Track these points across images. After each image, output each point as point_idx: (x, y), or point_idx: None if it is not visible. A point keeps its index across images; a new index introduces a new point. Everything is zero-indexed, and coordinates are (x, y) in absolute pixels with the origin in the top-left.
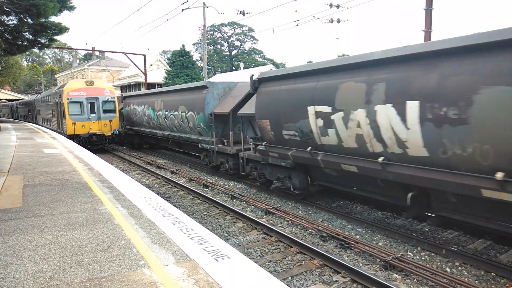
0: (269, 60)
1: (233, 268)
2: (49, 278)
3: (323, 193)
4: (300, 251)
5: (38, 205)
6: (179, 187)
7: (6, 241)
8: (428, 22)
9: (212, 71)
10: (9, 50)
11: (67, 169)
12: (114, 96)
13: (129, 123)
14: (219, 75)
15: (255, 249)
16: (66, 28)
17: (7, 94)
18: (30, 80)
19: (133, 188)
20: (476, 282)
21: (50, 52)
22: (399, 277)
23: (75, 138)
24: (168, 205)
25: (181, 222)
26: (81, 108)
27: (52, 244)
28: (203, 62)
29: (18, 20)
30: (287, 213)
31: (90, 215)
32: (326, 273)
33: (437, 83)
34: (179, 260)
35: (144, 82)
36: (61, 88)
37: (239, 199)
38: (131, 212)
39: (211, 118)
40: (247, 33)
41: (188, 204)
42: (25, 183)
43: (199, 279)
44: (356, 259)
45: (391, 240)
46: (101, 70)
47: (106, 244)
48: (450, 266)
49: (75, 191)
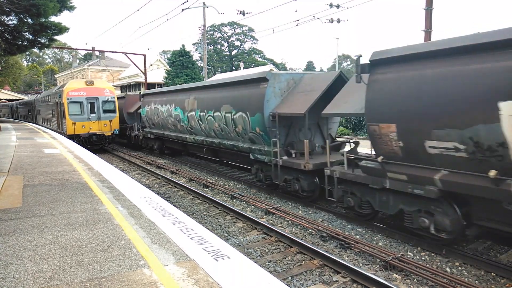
0: (269, 60)
1: (233, 268)
2: (49, 278)
3: (323, 192)
4: (300, 251)
5: (38, 205)
6: (179, 187)
7: (6, 241)
8: (428, 22)
9: (212, 71)
10: (9, 50)
11: (67, 169)
12: (114, 96)
13: (148, 125)
14: (219, 75)
15: (255, 249)
16: (66, 28)
17: (7, 94)
18: (30, 80)
19: (133, 188)
20: (476, 282)
21: (50, 52)
22: (399, 277)
23: (75, 138)
24: (168, 205)
25: (181, 222)
26: (81, 108)
27: (52, 244)
28: (203, 62)
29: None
30: (287, 213)
31: (90, 215)
32: (326, 273)
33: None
34: (179, 260)
35: (144, 82)
36: (61, 88)
37: (239, 199)
38: (131, 212)
39: (274, 121)
40: (247, 33)
41: (188, 204)
42: (25, 183)
43: (199, 279)
44: (356, 259)
45: (391, 240)
46: (101, 70)
47: (106, 244)
48: (450, 266)
49: (75, 191)
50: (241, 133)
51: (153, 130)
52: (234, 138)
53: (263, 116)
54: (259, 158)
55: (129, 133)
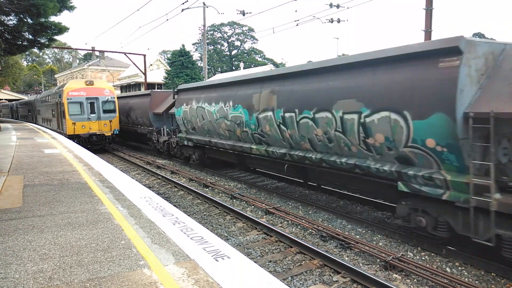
0: (269, 60)
1: (233, 268)
2: (49, 278)
3: (323, 193)
4: (300, 251)
5: (38, 205)
6: (179, 187)
7: (6, 241)
8: (428, 22)
9: (212, 71)
10: (9, 50)
11: (67, 169)
12: (114, 96)
13: (186, 130)
14: (219, 75)
15: (255, 249)
16: (66, 28)
17: (7, 94)
18: (30, 80)
19: (133, 188)
20: (476, 282)
21: (50, 52)
22: (399, 277)
23: (75, 138)
24: (168, 205)
25: (181, 222)
26: (81, 108)
27: (52, 244)
28: (203, 62)
29: (18, 20)
30: (287, 213)
31: (90, 215)
32: (326, 273)
33: None
34: (179, 260)
35: (144, 82)
36: (61, 88)
37: (239, 199)
38: (131, 212)
39: (477, 128)
40: (247, 33)
41: (188, 204)
42: (25, 183)
43: (199, 279)
44: (356, 259)
45: (391, 240)
46: (101, 70)
47: (106, 244)
48: (450, 266)
49: (75, 191)
50: (380, 148)
51: (193, 136)
52: (359, 154)
53: (451, 119)
54: (425, 191)
55: (156, 138)
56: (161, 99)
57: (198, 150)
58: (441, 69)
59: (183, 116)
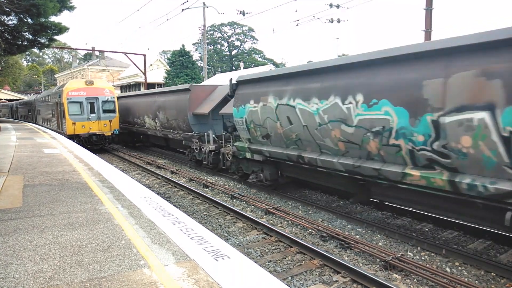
0: (269, 60)
1: (233, 268)
2: (49, 278)
3: (323, 193)
4: (300, 251)
5: (38, 205)
6: (179, 187)
7: (6, 241)
8: (428, 22)
9: (212, 71)
10: (9, 50)
11: (67, 169)
12: (114, 96)
13: (251, 138)
14: (219, 75)
15: (255, 249)
16: (66, 28)
17: (7, 94)
18: (30, 80)
19: (133, 188)
20: (476, 282)
21: (50, 52)
22: (399, 277)
23: (75, 138)
24: (168, 205)
25: (181, 222)
26: (81, 108)
27: (52, 244)
28: (203, 62)
29: (18, 20)
30: (287, 213)
31: (90, 215)
32: (326, 273)
33: None
34: (179, 260)
35: (144, 82)
36: (60, 88)
37: (239, 199)
38: (131, 212)
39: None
40: (247, 33)
41: (188, 204)
42: (25, 183)
43: (199, 279)
44: (356, 259)
45: (391, 240)
46: (101, 70)
47: (106, 244)
48: (450, 266)
49: (75, 191)
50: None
51: (265, 148)
52: None
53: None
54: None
55: (196, 147)
56: (204, 95)
57: (269, 166)
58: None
59: (248, 119)
